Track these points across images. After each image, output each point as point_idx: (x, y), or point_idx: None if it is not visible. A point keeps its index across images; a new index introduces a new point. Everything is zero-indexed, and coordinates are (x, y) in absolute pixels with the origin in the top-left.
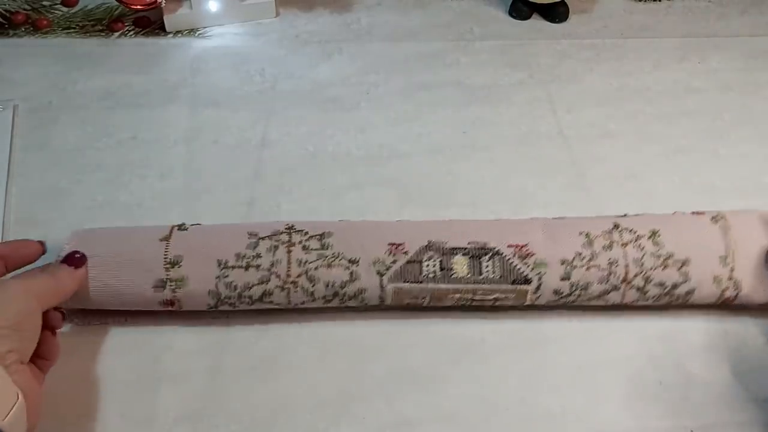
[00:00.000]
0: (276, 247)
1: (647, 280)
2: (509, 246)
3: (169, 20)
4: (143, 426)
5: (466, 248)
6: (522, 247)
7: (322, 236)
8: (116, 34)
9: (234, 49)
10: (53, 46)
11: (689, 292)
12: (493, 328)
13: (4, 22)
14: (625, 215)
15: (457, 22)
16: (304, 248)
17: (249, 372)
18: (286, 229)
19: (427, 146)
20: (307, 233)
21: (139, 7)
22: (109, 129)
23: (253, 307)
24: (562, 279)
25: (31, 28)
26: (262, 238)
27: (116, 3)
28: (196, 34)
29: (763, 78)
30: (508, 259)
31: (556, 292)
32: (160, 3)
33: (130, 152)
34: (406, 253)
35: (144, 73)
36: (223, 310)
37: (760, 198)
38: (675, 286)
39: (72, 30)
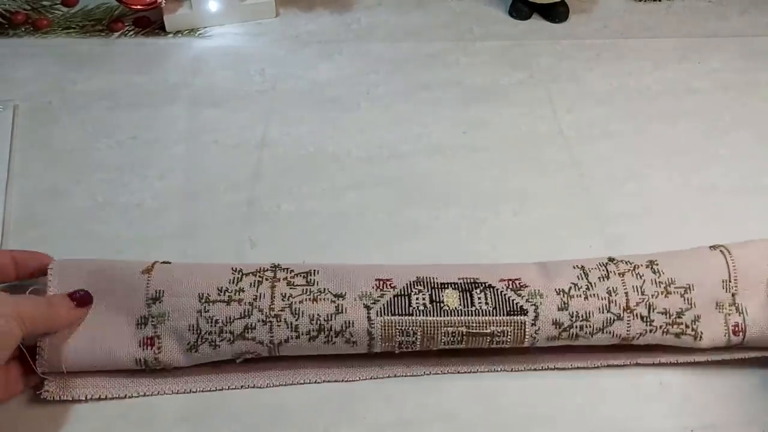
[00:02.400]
0: (260, 282)
1: (650, 307)
2: (501, 280)
3: (169, 20)
4: (143, 426)
5: (456, 282)
6: (514, 280)
7: (308, 274)
8: (116, 34)
9: (234, 49)
10: (53, 46)
11: (695, 320)
12: None
13: (4, 22)
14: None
15: (457, 22)
16: (289, 284)
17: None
18: (271, 267)
19: (427, 146)
20: (292, 271)
21: (139, 7)
22: (109, 129)
23: (233, 347)
24: (560, 309)
25: (31, 28)
26: (246, 274)
27: (116, 3)
28: (196, 34)
29: (763, 78)
30: (501, 291)
31: (556, 323)
32: (160, 3)
33: (130, 152)
34: (393, 287)
35: (144, 73)
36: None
37: (760, 198)
38: (680, 314)
39: (72, 30)
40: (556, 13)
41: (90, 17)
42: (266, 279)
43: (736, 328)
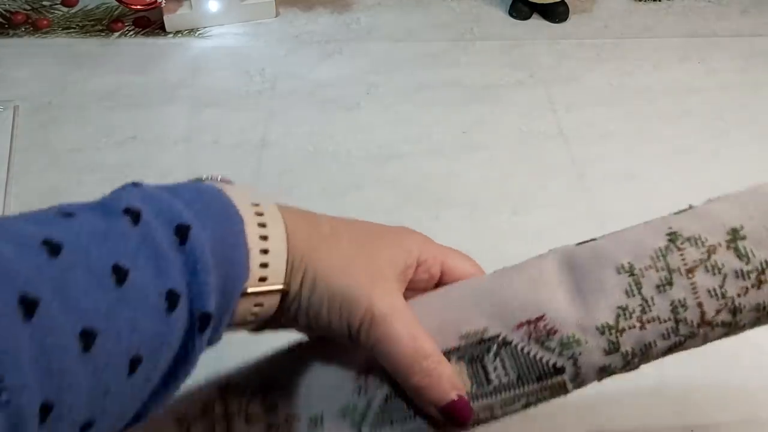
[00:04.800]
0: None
1: (736, 311)
2: (519, 326)
3: (169, 20)
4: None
5: (458, 348)
6: (537, 322)
7: (265, 394)
8: (116, 34)
9: (234, 49)
10: (53, 46)
11: None
12: None
13: (4, 22)
14: (689, 207)
15: (457, 22)
16: (247, 420)
17: None
18: (219, 395)
19: (427, 146)
20: (245, 391)
21: (139, 7)
22: (109, 129)
23: None
24: (608, 353)
25: (31, 28)
26: (194, 421)
27: (116, 3)
28: (196, 34)
29: (764, 78)
30: (522, 348)
31: (604, 369)
32: (160, 3)
33: (130, 152)
34: (381, 382)
35: (144, 73)
36: None
37: None
38: None
39: (72, 30)
40: (556, 13)
41: (90, 17)
42: (218, 422)
43: None
